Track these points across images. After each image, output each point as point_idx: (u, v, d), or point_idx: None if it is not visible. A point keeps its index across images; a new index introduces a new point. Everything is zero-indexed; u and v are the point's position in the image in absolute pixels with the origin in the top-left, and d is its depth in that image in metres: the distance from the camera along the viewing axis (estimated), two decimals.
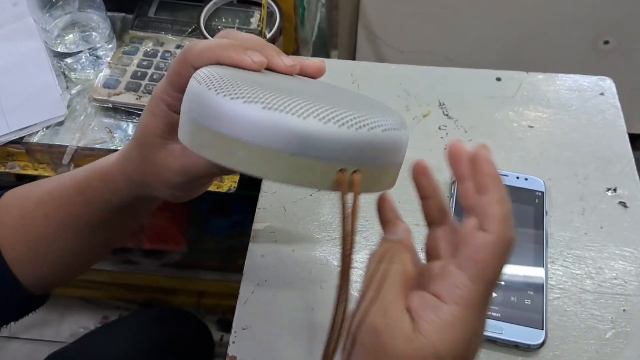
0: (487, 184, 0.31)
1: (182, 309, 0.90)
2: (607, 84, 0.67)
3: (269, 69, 0.37)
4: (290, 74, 0.37)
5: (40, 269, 0.50)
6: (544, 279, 0.51)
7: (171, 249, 1.16)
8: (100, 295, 1.24)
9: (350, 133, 0.30)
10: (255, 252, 0.52)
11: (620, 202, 0.57)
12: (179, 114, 0.37)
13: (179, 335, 0.81)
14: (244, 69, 0.35)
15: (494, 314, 0.48)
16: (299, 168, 0.30)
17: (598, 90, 0.66)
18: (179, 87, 0.37)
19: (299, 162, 0.30)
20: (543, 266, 0.51)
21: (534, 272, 0.51)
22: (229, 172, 0.41)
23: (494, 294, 0.33)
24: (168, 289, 1.20)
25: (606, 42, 0.84)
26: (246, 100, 0.30)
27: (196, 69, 0.36)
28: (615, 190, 0.58)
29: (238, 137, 0.30)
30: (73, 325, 1.26)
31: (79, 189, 0.47)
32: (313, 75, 0.39)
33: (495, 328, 0.47)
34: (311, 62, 0.38)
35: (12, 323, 0.53)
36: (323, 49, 1.04)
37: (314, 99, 0.30)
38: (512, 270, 0.51)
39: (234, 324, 0.48)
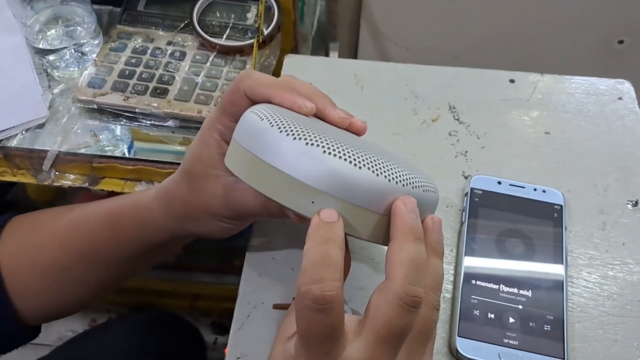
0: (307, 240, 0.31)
1: (173, 313, 0.86)
2: (626, 88, 0.63)
3: (321, 118, 0.38)
4: (340, 127, 0.38)
5: (47, 299, 0.49)
6: (564, 302, 0.47)
7: None
8: None
9: (416, 193, 0.34)
10: (252, 270, 0.48)
11: None
12: (226, 142, 0.39)
13: (170, 341, 0.78)
14: (294, 109, 0.36)
15: (511, 341, 0.44)
16: (354, 216, 0.33)
17: (616, 95, 0.62)
18: (232, 115, 0.39)
19: (353, 210, 0.32)
20: (562, 287, 0.47)
21: (553, 294, 0.47)
22: (277, 212, 0.41)
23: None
24: (161, 291, 1.16)
25: (621, 42, 0.80)
26: (309, 142, 0.32)
27: (249, 98, 0.37)
28: (636, 203, 0.54)
29: (293, 174, 0.32)
30: (61, 328, 1.22)
31: (107, 222, 0.46)
32: (357, 132, 0.39)
33: (513, 358, 0.44)
34: (359, 120, 0.39)
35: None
36: (322, 43, 0.99)
37: (368, 152, 0.33)
38: (530, 292, 0.47)
39: (227, 353, 0.44)
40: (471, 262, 0.48)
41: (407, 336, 0.31)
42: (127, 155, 0.62)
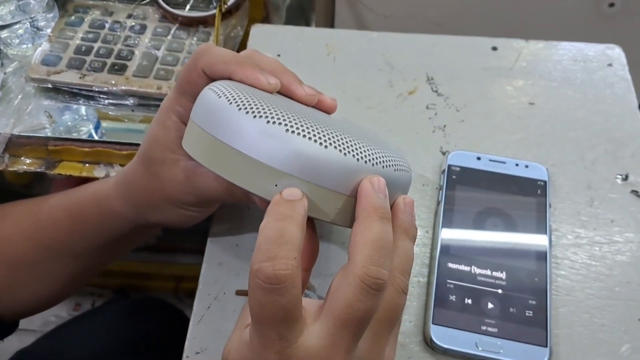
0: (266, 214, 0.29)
1: (158, 298, 0.84)
2: (616, 54, 0.59)
3: (287, 96, 0.36)
4: (308, 104, 0.36)
5: (17, 294, 0.47)
6: (547, 285, 0.44)
7: None
8: None
9: (387, 172, 0.32)
10: (213, 258, 0.45)
11: (632, 191, 0.50)
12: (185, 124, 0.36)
13: (156, 326, 0.76)
14: (256, 86, 0.34)
15: (490, 329, 0.41)
16: (321, 198, 0.30)
17: (605, 61, 0.58)
18: (191, 95, 0.36)
19: (320, 192, 0.30)
20: (546, 270, 0.44)
21: (536, 277, 0.44)
22: (241, 197, 0.39)
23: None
24: (144, 274, 1.14)
25: (611, 5, 0.76)
26: (270, 120, 0.29)
27: (208, 76, 0.35)
28: (627, 177, 0.50)
29: (254, 156, 0.29)
30: (45, 313, 1.18)
31: (68, 213, 0.44)
32: (326, 110, 0.37)
33: (492, 347, 0.41)
34: (328, 97, 0.37)
35: None
36: (301, 15, 0.95)
37: (335, 130, 0.30)
38: (511, 276, 0.44)
39: (185, 348, 0.41)
40: (448, 244, 0.45)
41: (369, 321, 0.29)
42: (94, 135, 0.58)
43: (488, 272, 0.44)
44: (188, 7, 0.60)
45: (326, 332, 0.28)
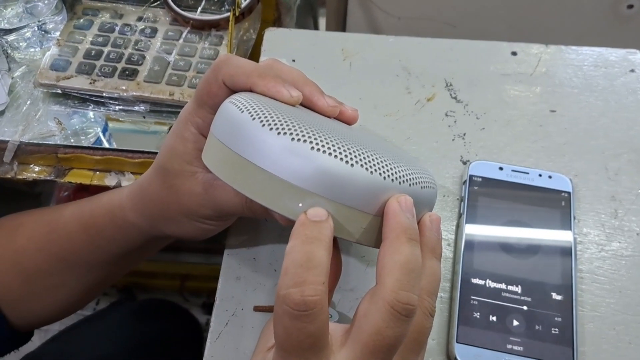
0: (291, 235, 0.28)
1: (165, 300, 0.84)
2: (638, 59, 0.58)
3: (308, 107, 0.35)
4: (329, 116, 0.35)
5: (32, 305, 0.47)
6: (573, 301, 0.43)
7: None
8: None
9: (413, 190, 0.31)
10: (229, 273, 0.44)
11: None
12: (204, 137, 0.36)
13: (165, 327, 0.76)
14: (277, 98, 0.33)
15: (515, 347, 0.40)
16: (346, 217, 0.29)
17: (627, 67, 0.57)
18: (210, 107, 0.35)
19: (345, 211, 0.29)
20: (572, 285, 0.43)
21: (561, 293, 0.43)
22: (261, 212, 0.38)
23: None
24: (149, 273, 1.13)
25: (630, 7, 0.74)
26: (295, 137, 0.28)
27: (229, 87, 0.34)
28: None
29: (278, 174, 0.28)
30: (56, 321, 1.19)
31: (82, 225, 0.43)
32: (347, 122, 0.36)
33: None
34: (349, 108, 0.36)
35: None
36: (309, 13, 0.93)
37: (361, 146, 0.29)
38: (536, 291, 0.43)
39: None
40: (471, 259, 0.44)
41: (398, 347, 0.28)
42: (102, 138, 0.57)
43: (513, 288, 0.43)
44: (199, 9, 0.59)
45: (353, 358, 0.27)
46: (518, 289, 0.43)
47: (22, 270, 0.45)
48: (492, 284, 0.43)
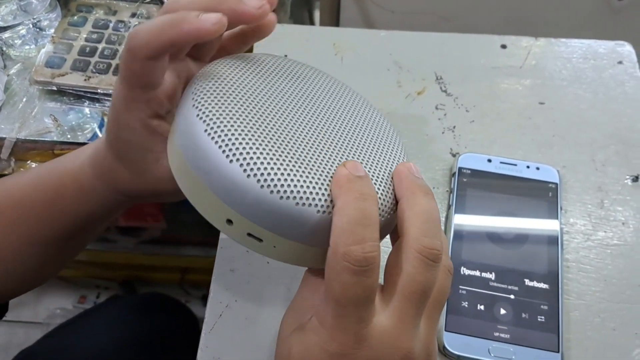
0: (334, 194, 0.28)
1: (163, 295, 0.84)
2: (626, 51, 0.58)
3: (239, 21, 0.32)
4: (259, 19, 0.33)
5: (6, 281, 0.44)
6: (559, 289, 0.44)
7: (149, 225, 1.09)
8: (78, 274, 1.17)
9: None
10: (224, 265, 0.45)
11: None
12: (155, 117, 0.34)
13: (161, 325, 0.75)
14: (205, 39, 0.31)
15: (502, 335, 0.42)
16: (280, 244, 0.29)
17: (616, 58, 0.58)
18: (139, 85, 0.32)
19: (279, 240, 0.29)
20: (558, 274, 0.44)
21: (548, 282, 0.44)
22: None
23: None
24: (149, 266, 1.14)
25: None
26: (246, 169, 0.27)
27: (150, 59, 0.31)
28: (637, 178, 0.50)
29: (227, 203, 0.28)
30: (50, 306, 1.20)
31: (47, 200, 0.41)
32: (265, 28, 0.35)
33: (504, 353, 0.41)
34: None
35: None
36: (305, 8, 0.94)
37: (313, 172, 0.29)
38: (523, 281, 0.44)
39: (198, 357, 0.41)
40: (459, 249, 0.45)
41: (429, 295, 0.29)
42: (98, 134, 0.58)
43: (500, 277, 0.44)
44: None
45: (393, 309, 0.28)
46: (505, 279, 0.44)
47: None
48: (480, 274, 0.44)
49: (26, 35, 0.59)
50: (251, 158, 0.27)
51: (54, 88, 0.56)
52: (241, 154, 0.27)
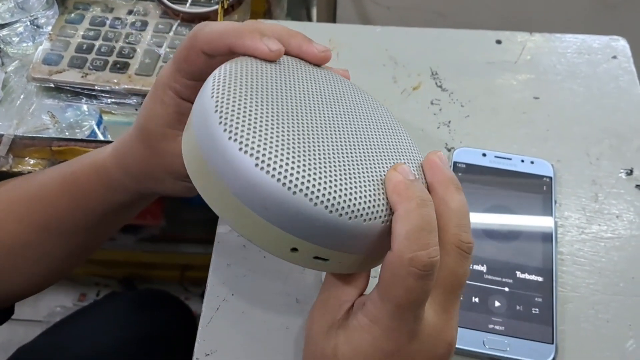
0: (393, 201, 0.29)
1: (162, 291, 0.84)
2: (621, 45, 0.59)
3: (299, 57, 0.34)
4: (322, 62, 0.34)
5: (13, 278, 0.45)
6: (553, 282, 0.44)
7: (148, 223, 1.09)
8: (78, 272, 1.17)
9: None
10: (220, 260, 0.45)
11: (637, 186, 0.50)
12: (190, 101, 0.35)
13: (160, 322, 0.75)
14: (260, 58, 0.31)
15: (497, 327, 0.42)
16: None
17: (610, 53, 0.58)
18: (189, 74, 0.35)
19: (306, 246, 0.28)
20: (552, 267, 0.45)
21: (542, 274, 0.44)
22: None
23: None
24: (149, 264, 1.14)
25: None
26: (312, 198, 0.26)
27: (207, 54, 0.33)
28: (631, 171, 0.50)
29: (293, 233, 0.27)
30: (50, 304, 1.20)
31: (65, 189, 0.42)
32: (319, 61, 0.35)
33: (499, 345, 0.41)
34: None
35: None
36: (302, 4, 0.94)
37: (333, 165, 0.28)
38: (518, 273, 0.44)
39: (195, 350, 0.41)
40: None
41: (465, 284, 0.31)
42: (96, 131, 0.58)
43: (494, 270, 0.44)
44: (189, 2, 0.60)
45: (438, 303, 0.30)
46: (500, 271, 0.44)
47: (1, 243, 0.44)
48: (475, 267, 0.44)
49: (23, 33, 0.59)
50: (313, 185, 0.26)
51: (52, 85, 0.56)
52: (302, 183, 0.26)
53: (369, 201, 0.28)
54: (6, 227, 0.43)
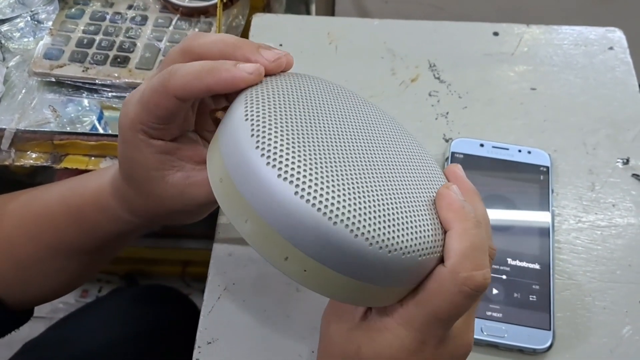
0: (449, 218, 0.29)
1: (166, 287, 0.85)
2: (617, 37, 0.59)
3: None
4: (274, 72, 0.31)
5: (26, 289, 0.46)
6: (550, 270, 0.44)
7: None
8: None
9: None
10: (222, 250, 0.46)
11: (633, 175, 0.50)
12: (162, 139, 0.33)
13: (165, 316, 0.76)
14: (241, 87, 0.30)
15: (495, 314, 0.42)
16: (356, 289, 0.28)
17: (606, 44, 0.59)
18: (159, 118, 0.32)
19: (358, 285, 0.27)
20: (549, 254, 0.45)
21: (539, 262, 0.45)
22: None
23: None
24: (151, 259, 1.15)
25: None
26: (298, 190, 0.25)
27: (180, 99, 0.31)
28: (627, 161, 0.51)
29: (280, 231, 0.26)
30: (53, 300, 1.21)
31: (72, 218, 0.42)
32: (287, 68, 0.33)
33: (497, 331, 0.42)
34: (284, 55, 0.32)
35: None
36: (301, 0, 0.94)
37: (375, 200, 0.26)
38: (515, 261, 0.45)
39: (197, 338, 0.42)
40: None
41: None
42: (97, 126, 0.59)
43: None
44: None
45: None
46: (498, 259, 0.45)
47: (14, 258, 0.44)
48: None
49: (24, 28, 0.60)
50: (364, 220, 0.25)
51: (53, 79, 0.56)
52: (349, 219, 0.25)
53: (426, 236, 0.27)
54: (19, 243, 0.44)
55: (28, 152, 0.55)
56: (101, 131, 0.58)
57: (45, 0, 0.60)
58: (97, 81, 0.56)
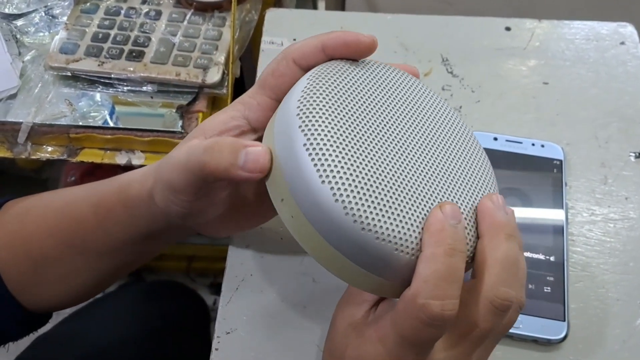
0: (424, 239, 0.28)
1: (175, 282, 0.85)
2: (629, 31, 0.59)
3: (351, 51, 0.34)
4: (372, 50, 0.34)
5: (43, 291, 0.45)
6: (565, 261, 0.45)
7: None
8: None
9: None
10: (239, 241, 0.46)
11: None
12: (260, 129, 0.34)
13: (174, 310, 0.76)
14: (360, 53, 0.33)
15: None
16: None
17: (618, 39, 0.59)
18: (271, 88, 0.33)
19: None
20: (563, 247, 0.46)
21: (554, 255, 0.45)
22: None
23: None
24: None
25: None
26: (348, 211, 0.27)
27: (299, 66, 0.33)
28: (639, 154, 0.51)
29: (334, 245, 0.28)
30: (71, 307, 1.21)
31: (92, 207, 0.41)
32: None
33: None
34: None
35: (11, 343, 0.48)
36: None
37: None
38: (530, 254, 0.45)
39: (216, 328, 0.42)
40: None
41: (488, 338, 0.30)
42: (109, 121, 0.59)
43: None
44: None
45: (449, 345, 0.29)
46: None
47: (31, 257, 0.44)
48: None
49: (39, 23, 0.60)
50: (379, 221, 0.27)
51: (68, 74, 0.57)
52: (375, 225, 0.27)
53: (408, 234, 0.28)
54: (37, 241, 0.43)
55: (44, 146, 0.56)
56: (112, 125, 0.58)
57: None
58: (112, 75, 0.56)
